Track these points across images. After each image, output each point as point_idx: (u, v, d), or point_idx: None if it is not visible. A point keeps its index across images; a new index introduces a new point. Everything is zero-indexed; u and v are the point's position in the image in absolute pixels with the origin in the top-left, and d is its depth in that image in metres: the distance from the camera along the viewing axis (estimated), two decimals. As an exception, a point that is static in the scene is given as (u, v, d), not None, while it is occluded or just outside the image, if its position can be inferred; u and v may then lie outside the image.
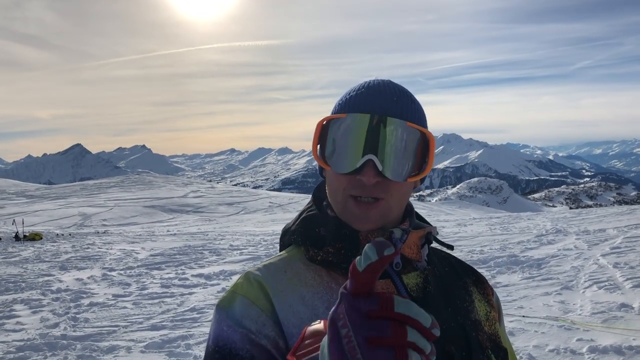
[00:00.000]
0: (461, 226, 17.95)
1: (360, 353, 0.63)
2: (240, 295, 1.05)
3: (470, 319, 1.13)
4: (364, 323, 0.64)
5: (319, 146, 1.09)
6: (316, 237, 1.11)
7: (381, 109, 1.05)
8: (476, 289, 1.23)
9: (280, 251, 1.23)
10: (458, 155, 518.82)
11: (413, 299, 1.04)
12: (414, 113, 1.09)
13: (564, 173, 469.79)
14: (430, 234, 1.15)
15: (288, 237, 1.19)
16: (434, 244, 1.20)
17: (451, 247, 1.21)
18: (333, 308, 0.68)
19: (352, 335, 0.64)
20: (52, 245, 13.79)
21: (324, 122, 1.08)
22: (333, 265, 1.08)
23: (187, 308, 7.54)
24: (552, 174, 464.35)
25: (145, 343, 6.08)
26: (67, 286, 8.87)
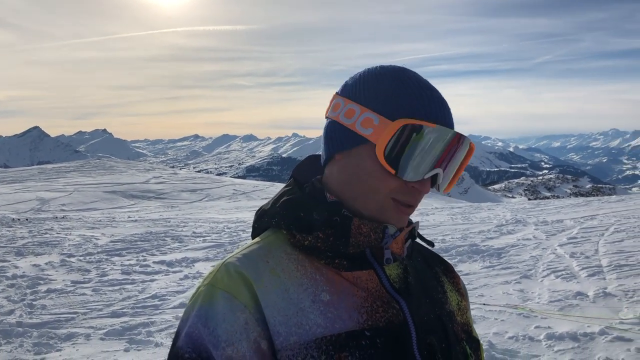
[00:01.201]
0: (424, 216, 18.17)
1: None
2: (220, 290, 0.95)
3: (445, 310, 1.12)
4: None
5: (391, 146, 0.98)
6: (303, 221, 1.03)
7: (448, 118, 1.04)
8: (446, 279, 1.22)
9: (253, 236, 1.14)
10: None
11: (396, 289, 1.03)
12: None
13: (523, 165, 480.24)
14: (414, 229, 1.13)
15: (267, 220, 1.10)
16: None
17: (431, 244, 1.19)
18: None
19: None
20: (8, 230, 13.37)
21: (404, 125, 0.98)
22: (319, 252, 1.02)
23: (148, 295, 7.43)
24: (512, 165, 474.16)
25: (105, 330, 5.97)
26: (24, 272, 8.63)
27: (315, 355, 0.89)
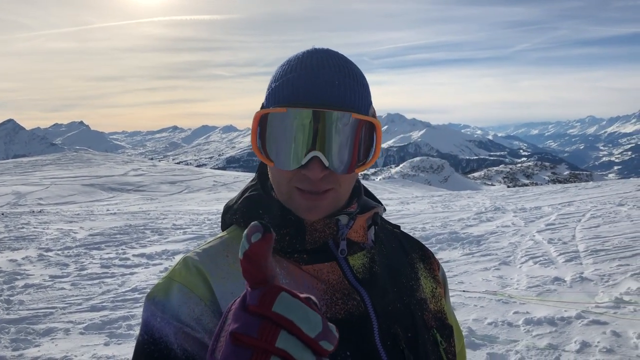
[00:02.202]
0: (404, 204, 18.28)
1: (217, 348, 0.58)
2: (177, 283, 0.98)
3: (415, 298, 1.12)
4: (237, 316, 0.57)
5: (259, 139, 1.01)
6: (259, 219, 1.03)
7: (323, 96, 0.97)
8: (422, 265, 1.22)
9: (222, 229, 1.17)
10: (402, 135, 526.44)
11: (359, 280, 1.03)
12: (357, 96, 1.01)
13: (502, 153, 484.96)
14: (377, 215, 1.12)
15: (230, 216, 1.12)
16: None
17: (397, 227, 1.19)
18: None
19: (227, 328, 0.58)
20: (-17, 226, 13.15)
21: (261, 115, 0.99)
22: (277, 251, 1.02)
23: (128, 288, 7.37)
24: (492, 153, 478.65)
25: (85, 324, 5.91)
26: (0, 268, 8.49)
27: None
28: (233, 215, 1.11)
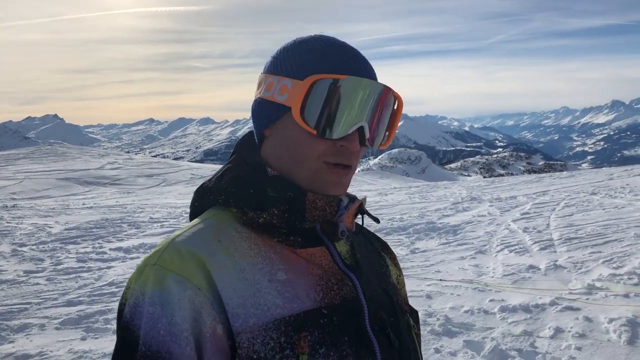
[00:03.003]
0: (382, 195, 18.37)
1: None
2: (172, 273, 0.88)
3: (390, 283, 1.14)
4: None
5: (302, 106, 0.97)
6: (255, 198, 0.98)
7: (371, 71, 1.01)
8: (385, 254, 1.24)
9: (192, 216, 1.08)
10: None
11: (347, 265, 1.03)
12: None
13: (479, 144, 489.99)
14: (362, 205, 1.10)
15: (213, 198, 1.02)
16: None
17: (377, 221, 1.20)
18: None
19: None
20: (-45, 221, 12.88)
21: (315, 81, 0.96)
22: (273, 229, 0.98)
23: (105, 282, 7.29)
24: (468, 144, 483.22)
25: (61, 320, 5.83)
26: (-27, 263, 8.34)
27: (275, 337, 0.87)
28: (217, 197, 1.01)
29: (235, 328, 0.87)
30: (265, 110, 1.03)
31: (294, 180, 1.00)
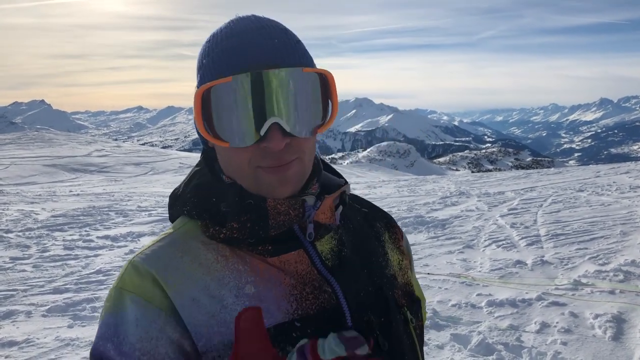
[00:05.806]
0: (371, 188, 18.40)
1: None
2: (130, 294, 0.87)
3: (386, 276, 1.07)
4: None
5: (204, 121, 0.89)
6: (215, 210, 0.94)
7: (267, 57, 0.88)
8: (388, 235, 1.17)
9: (171, 221, 1.05)
10: (369, 120, 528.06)
11: (329, 268, 0.97)
12: (300, 51, 0.93)
13: (467, 138, 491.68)
14: (344, 194, 1.03)
15: (179, 208, 1.00)
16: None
17: (366, 207, 1.16)
18: None
19: None
20: (-61, 206, 12.73)
21: (204, 92, 0.88)
22: (238, 242, 0.93)
23: (92, 270, 7.25)
24: (457, 139, 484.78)
25: (47, 307, 5.80)
26: (-43, 249, 8.26)
27: None
28: (183, 207, 0.99)
29: (200, 347, 0.85)
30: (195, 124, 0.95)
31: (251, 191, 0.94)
